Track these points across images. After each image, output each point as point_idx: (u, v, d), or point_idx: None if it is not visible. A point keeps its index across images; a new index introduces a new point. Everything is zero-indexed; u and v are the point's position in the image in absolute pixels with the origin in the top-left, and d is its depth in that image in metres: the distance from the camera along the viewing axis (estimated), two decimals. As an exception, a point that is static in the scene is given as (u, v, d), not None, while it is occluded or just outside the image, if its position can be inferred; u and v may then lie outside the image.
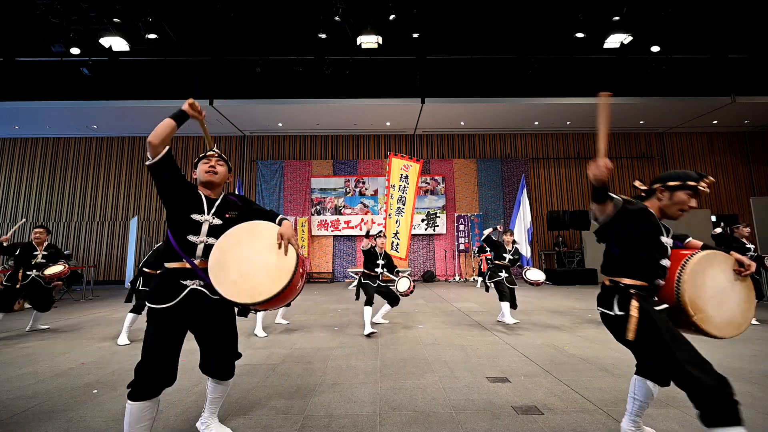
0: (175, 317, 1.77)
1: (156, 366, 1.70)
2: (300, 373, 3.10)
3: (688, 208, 1.84)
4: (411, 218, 10.57)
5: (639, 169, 13.22)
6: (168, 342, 1.75)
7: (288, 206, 12.75)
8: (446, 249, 12.64)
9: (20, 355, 3.80)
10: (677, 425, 2.11)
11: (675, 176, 1.87)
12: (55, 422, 2.23)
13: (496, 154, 13.29)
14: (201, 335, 1.91)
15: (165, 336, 1.74)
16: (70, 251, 11.86)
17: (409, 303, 7.34)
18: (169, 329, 1.76)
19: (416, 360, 3.45)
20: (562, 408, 2.34)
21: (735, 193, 13.14)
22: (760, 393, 2.56)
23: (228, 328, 1.95)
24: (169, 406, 2.44)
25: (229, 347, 1.94)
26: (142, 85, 10.32)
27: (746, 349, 3.71)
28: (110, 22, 8.03)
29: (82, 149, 13.01)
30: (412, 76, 10.59)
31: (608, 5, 8.29)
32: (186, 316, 1.81)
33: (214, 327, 1.90)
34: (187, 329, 1.84)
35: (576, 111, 11.36)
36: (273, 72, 10.17)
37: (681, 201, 1.82)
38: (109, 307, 7.42)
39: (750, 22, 9.16)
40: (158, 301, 1.76)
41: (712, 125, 12.67)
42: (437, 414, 2.29)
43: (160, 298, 1.77)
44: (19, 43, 9.66)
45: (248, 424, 2.19)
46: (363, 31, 8.60)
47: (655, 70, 10.10)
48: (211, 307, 1.87)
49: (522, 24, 9.24)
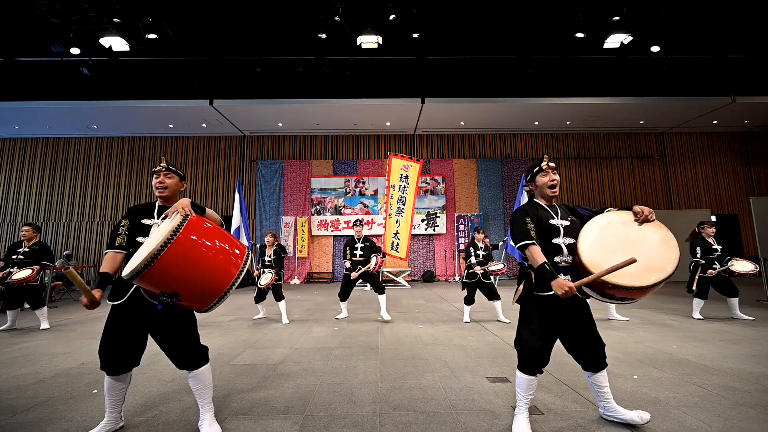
0: (128, 314, 1.98)
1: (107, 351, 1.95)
2: (300, 373, 3.10)
3: (551, 181, 2.17)
4: (411, 218, 10.54)
5: (639, 169, 13.22)
6: (114, 334, 1.96)
7: (288, 206, 12.75)
8: (446, 249, 12.64)
9: (20, 355, 3.80)
10: (677, 425, 2.11)
11: (527, 171, 2.31)
12: (55, 422, 2.23)
13: (496, 154, 13.29)
14: (154, 334, 2.04)
15: (112, 329, 1.97)
16: (70, 251, 11.86)
17: (409, 303, 7.34)
18: (116, 323, 1.98)
19: (416, 360, 3.45)
20: (562, 408, 2.34)
21: (735, 193, 13.14)
22: (760, 393, 2.56)
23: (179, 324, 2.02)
24: (169, 406, 2.44)
25: (183, 346, 2.02)
26: (142, 85, 10.32)
27: (746, 349, 3.71)
28: (110, 22, 8.02)
29: (82, 149, 13.01)
30: (412, 76, 10.59)
31: (608, 5, 8.28)
32: (139, 313, 1.98)
33: (167, 325, 2.01)
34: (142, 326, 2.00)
35: (576, 111, 11.36)
36: (273, 72, 10.17)
37: (542, 183, 2.19)
38: (109, 307, 7.41)
39: (750, 22, 9.16)
40: (112, 299, 2.02)
41: (712, 125, 12.67)
42: (437, 414, 2.29)
43: (113, 296, 2.02)
44: (19, 43, 9.66)
45: (248, 424, 2.19)
46: (363, 31, 8.59)
47: (655, 70, 10.10)
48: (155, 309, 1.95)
49: (522, 24, 9.24)
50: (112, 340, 1.96)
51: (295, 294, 9.17)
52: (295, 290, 10.15)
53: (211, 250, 1.79)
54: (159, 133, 12.89)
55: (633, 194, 13.08)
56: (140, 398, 2.58)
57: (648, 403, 2.40)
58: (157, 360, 3.39)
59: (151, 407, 2.43)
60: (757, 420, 2.16)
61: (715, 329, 4.62)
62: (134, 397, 2.59)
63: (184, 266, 1.69)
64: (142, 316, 1.99)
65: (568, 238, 2.08)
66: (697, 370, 3.07)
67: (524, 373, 2.02)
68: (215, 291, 1.78)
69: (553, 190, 2.18)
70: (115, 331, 1.97)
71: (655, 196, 13.12)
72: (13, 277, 4.89)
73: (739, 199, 13.04)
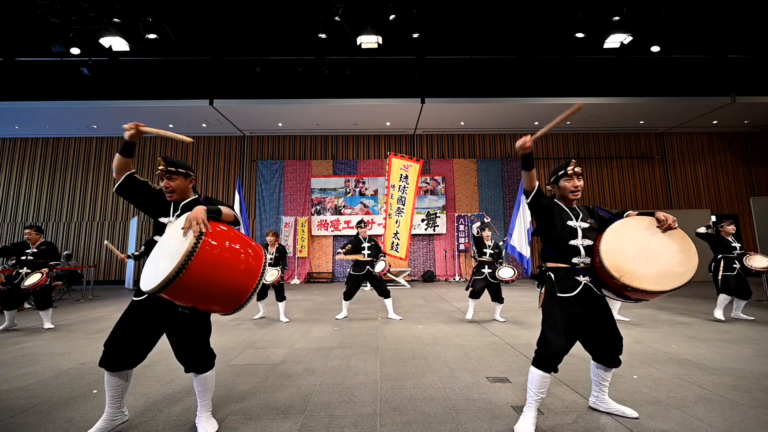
0: (147, 312, 1.97)
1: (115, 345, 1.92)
2: (300, 373, 3.10)
3: (574, 188, 2.18)
4: (411, 218, 10.54)
5: (639, 169, 13.22)
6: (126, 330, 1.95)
7: (288, 206, 12.75)
8: (446, 249, 12.64)
9: (20, 355, 3.80)
10: (677, 425, 2.11)
11: (552, 172, 2.29)
12: (55, 422, 2.24)
13: (496, 154, 13.29)
14: (169, 335, 2.04)
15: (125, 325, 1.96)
16: (70, 251, 11.86)
17: (409, 303, 7.34)
18: (132, 319, 1.97)
19: (416, 360, 3.45)
20: (562, 408, 2.34)
21: (735, 193, 13.14)
22: (760, 393, 2.56)
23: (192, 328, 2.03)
24: (170, 406, 2.44)
25: (195, 349, 2.03)
26: (142, 85, 10.31)
27: (746, 349, 3.71)
28: (110, 22, 8.03)
29: (82, 149, 13.01)
30: (412, 76, 10.59)
31: (608, 5, 8.28)
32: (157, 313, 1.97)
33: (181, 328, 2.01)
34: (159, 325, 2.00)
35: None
36: (273, 72, 10.17)
37: (565, 188, 2.20)
38: (109, 307, 7.42)
39: (750, 22, 9.16)
40: (137, 294, 2.03)
41: (712, 125, 12.67)
42: (437, 414, 2.29)
43: (138, 292, 2.01)
44: (19, 43, 9.66)
45: (248, 424, 2.19)
46: (363, 31, 8.60)
47: (655, 70, 10.10)
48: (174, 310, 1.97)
49: (522, 24, 9.24)
50: (122, 335, 1.95)
51: (295, 294, 9.17)
52: (295, 290, 10.15)
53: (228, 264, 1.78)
54: (159, 133, 12.88)
55: (633, 194, 13.08)
56: (140, 398, 2.58)
57: (648, 403, 2.40)
58: (158, 360, 3.39)
59: (152, 407, 2.44)
60: (757, 420, 2.16)
61: (715, 329, 4.62)
62: (134, 397, 2.59)
63: (202, 283, 1.71)
64: (160, 315, 1.99)
65: (586, 240, 2.10)
66: (697, 370, 3.07)
67: (540, 369, 2.01)
68: (237, 298, 1.81)
69: (575, 194, 2.19)
70: (129, 327, 1.97)
71: (655, 196, 13.12)
72: (25, 283, 4.90)
73: (739, 199, 13.04)
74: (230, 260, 1.79)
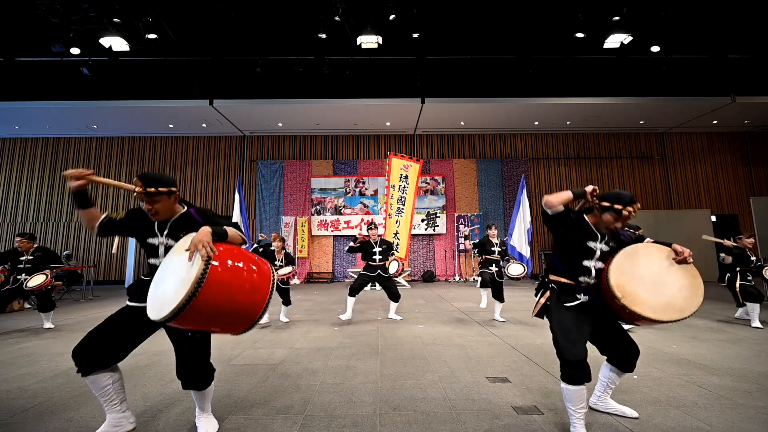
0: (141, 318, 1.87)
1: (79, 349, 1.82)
2: (300, 373, 3.10)
3: (614, 227, 2.06)
4: (411, 218, 10.55)
5: (639, 169, 13.22)
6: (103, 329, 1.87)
7: (288, 206, 12.75)
8: (446, 249, 12.63)
9: (20, 355, 3.80)
10: (677, 425, 2.11)
11: (607, 197, 2.07)
12: (55, 422, 2.24)
13: (496, 154, 13.28)
14: (174, 344, 2.03)
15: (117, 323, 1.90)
16: (70, 251, 11.86)
17: (409, 303, 7.34)
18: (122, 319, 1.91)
19: (416, 360, 3.45)
20: (562, 408, 2.34)
21: (735, 193, 13.13)
22: (760, 393, 2.56)
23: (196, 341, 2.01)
24: (169, 406, 2.44)
25: (197, 363, 2.00)
26: (142, 85, 10.31)
27: (746, 349, 3.71)
28: (110, 22, 8.02)
29: (82, 149, 13.01)
30: (412, 76, 10.58)
31: (608, 5, 8.28)
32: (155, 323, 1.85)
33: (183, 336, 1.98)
34: (148, 333, 1.95)
35: (576, 111, 11.35)
36: (273, 72, 10.17)
37: (607, 221, 2.06)
38: (109, 307, 7.42)
39: (750, 22, 9.16)
40: (132, 300, 1.98)
41: (712, 125, 12.66)
42: (437, 414, 2.29)
43: (134, 298, 1.98)
44: (19, 43, 9.66)
45: (248, 424, 2.19)
46: (363, 31, 8.59)
47: (655, 70, 10.09)
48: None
49: (522, 24, 9.23)
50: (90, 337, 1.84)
51: (295, 294, 9.17)
52: (295, 290, 10.14)
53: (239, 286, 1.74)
54: (159, 133, 12.89)
55: (633, 194, 13.06)
56: (140, 398, 2.59)
57: (648, 403, 2.40)
58: (158, 360, 3.39)
59: (152, 407, 2.44)
60: (757, 420, 2.16)
61: (715, 329, 4.62)
62: (134, 397, 2.59)
63: (213, 308, 1.68)
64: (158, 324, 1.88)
65: (600, 263, 2.08)
66: (697, 370, 3.07)
67: (570, 384, 1.94)
68: (248, 319, 1.78)
69: (609, 229, 2.10)
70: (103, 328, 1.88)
71: (655, 196, 13.12)
72: (28, 284, 4.84)
73: (739, 199, 13.03)
74: (240, 282, 1.74)
